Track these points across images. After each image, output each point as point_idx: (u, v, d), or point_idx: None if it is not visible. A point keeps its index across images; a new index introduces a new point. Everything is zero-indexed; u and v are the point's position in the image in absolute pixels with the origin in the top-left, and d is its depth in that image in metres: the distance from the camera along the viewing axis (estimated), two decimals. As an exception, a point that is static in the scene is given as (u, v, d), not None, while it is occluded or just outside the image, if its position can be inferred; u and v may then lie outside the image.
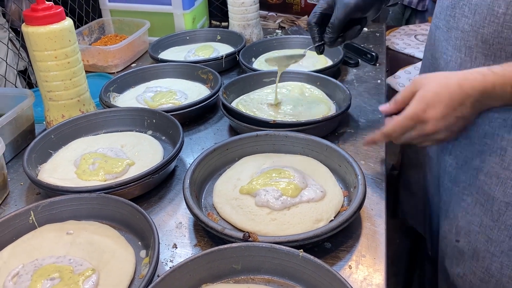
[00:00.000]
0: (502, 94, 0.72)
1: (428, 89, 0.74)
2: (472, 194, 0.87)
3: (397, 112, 0.79)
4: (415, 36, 1.87)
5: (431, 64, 0.96)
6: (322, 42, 1.01)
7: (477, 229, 0.88)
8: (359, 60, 1.46)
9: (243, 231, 0.73)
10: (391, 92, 1.64)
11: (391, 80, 1.61)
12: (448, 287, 0.99)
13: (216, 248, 0.68)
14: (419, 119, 0.75)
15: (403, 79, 1.60)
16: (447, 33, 0.86)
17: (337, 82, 1.18)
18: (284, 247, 0.67)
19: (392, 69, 1.79)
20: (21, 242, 0.77)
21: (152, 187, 0.92)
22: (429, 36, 0.98)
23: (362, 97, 1.25)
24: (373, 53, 1.45)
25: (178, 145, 0.93)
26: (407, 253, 1.52)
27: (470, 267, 0.91)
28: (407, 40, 1.85)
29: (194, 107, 1.12)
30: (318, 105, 1.12)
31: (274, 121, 1.01)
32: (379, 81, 1.34)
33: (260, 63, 1.44)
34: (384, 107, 0.83)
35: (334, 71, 1.36)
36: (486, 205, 0.85)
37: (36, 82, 1.12)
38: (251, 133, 0.97)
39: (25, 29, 1.00)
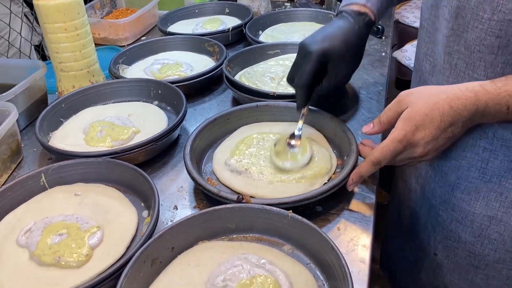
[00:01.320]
0: (495, 113, 0.66)
1: (416, 109, 0.68)
2: (447, 210, 0.84)
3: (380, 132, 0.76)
4: (425, 9, 1.86)
5: (415, 66, 0.90)
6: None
7: (455, 245, 0.85)
8: (365, 33, 1.47)
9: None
10: (396, 66, 1.65)
11: (398, 54, 1.61)
12: None
13: (212, 208, 0.73)
14: (409, 142, 0.69)
15: (410, 52, 1.61)
16: (432, 34, 0.80)
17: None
18: (274, 208, 0.71)
19: (401, 43, 1.79)
20: (32, 202, 0.82)
21: (156, 154, 0.97)
22: (419, 35, 0.89)
23: (365, 69, 1.27)
24: (379, 26, 1.44)
25: (181, 114, 0.97)
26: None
27: (452, 279, 0.89)
28: (418, 13, 1.84)
29: (198, 79, 1.15)
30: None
31: (274, 93, 1.04)
32: (383, 54, 1.35)
33: (267, 36, 1.46)
34: (368, 128, 0.77)
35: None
36: (465, 222, 0.82)
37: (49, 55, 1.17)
38: (252, 104, 1.01)
39: (36, 2, 1.04)
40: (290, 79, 0.88)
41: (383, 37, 1.45)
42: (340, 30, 0.85)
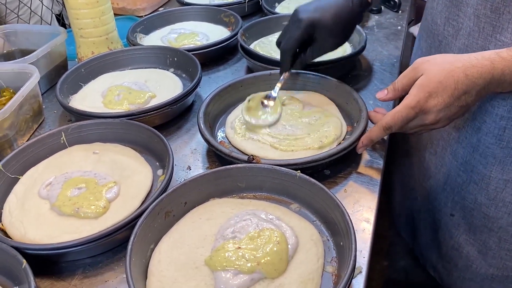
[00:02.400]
0: (511, 81, 0.66)
1: (430, 77, 0.69)
2: (467, 171, 0.86)
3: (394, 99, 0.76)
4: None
5: (431, 31, 0.88)
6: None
7: (471, 206, 0.87)
8: (382, 7, 1.46)
9: (250, 156, 0.80)
10: (413, 41, 1.64)
11: (414, 30, 1.60)
12: (441, 258, 1.00)
13: (223, 167, 0.76)
14: (421, 109, 0.70)
15: (427, 28, 1.59)
16: None
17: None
18: (283, 168, 0.74)
19: (418, 19, 1.77)
20: (53, 158, 0.86)
21: (171, 118, 1.00)
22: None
23: (380, 42, 1.27)
24: (396, 0, 1.44)
25: (196, 80, 1.00)
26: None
27: (467, 239, 0.91)
28: (437, -11, 1.81)
29: (214, 47, 1.17)
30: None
31: (288, 61, 1.05)
32: (399, 27, 1.35)
33: (283, 8, 1.47)
34: (382, 95, 0.78)
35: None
36: (481, 184, 0.83)
37: (69, 23, 1.20)
38: (265, 72, 1.02)
39: (57, -32, 1.07)
40: (278, 43, 0.93)
41: (400, 11, 1.45)
42: (333, 4, 0.87)
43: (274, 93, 0.93)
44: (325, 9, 0.86)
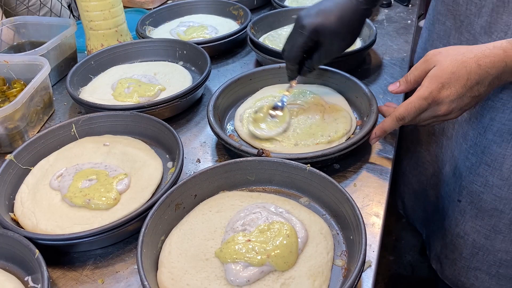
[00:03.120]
0: None
1: (443, 67, 0.69)
2: (477, 153, 0.85)
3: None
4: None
5: (451, 12, 0.86)
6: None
7: (480, 189, 0.86)
8: (392, 0, 1.45)
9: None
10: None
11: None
12: (445, 247, 0.99)
13: (233, 160, 0.76)
14: (434, 100, 0.70)
15: (437, 22, 1.58)
16: None
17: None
18: (293, 162, 0.74)
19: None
20: (64, 150, 0.87)
21: (181, 111, 1.00)
22: None
23: (390, 36, 1.26)
24: (406, -6, 1.43)
25: (205, 73, 1.00)
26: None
27: (473, 226, 0.91)
28: (447, -17, 1.80)
29: (223, 41, 1.17)
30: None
31: (297, 54, 1.05)
32: (409, 21, 1.34)
33: (292, 1, 1.46)
34: (394, 87, 0.77)
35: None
36: (494, 164, 0.83)
37: (79, 16, 1.20)
38: (274, 65, 1.02)
39: (68, -41, 1.07)
40: (282, 51, 0.88)
41: (410, 5, 1.44)
42: (336, 5, 0.83)
43: (280, 104, 0.90)
44: (328, 12, 0.81)
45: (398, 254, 1.87)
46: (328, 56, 0.86)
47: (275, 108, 0.90)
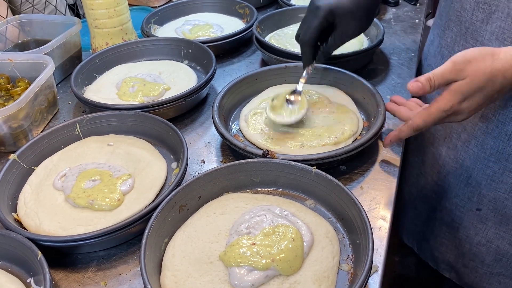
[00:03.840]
0: None
1: (473, 83, 0.66)
2: (500, 161, 0.84)
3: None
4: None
5: (459, 18, 0.83)
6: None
7: (504, 196, 0.85)
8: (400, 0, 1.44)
9: (265, 150, 0.79)
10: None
11: (431, 23, 1.57)
12: (462, 256, 0.98)
13: (238, 162, 0.75)
14: (454, 112, 0.69)
15: (445, 21, 1.56)
16: None
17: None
18: (299, 163, 0.73)
19: (435, 12, 1.73)
20: (68, 149, 0.86)
21: (185, 111, 0.99)
22: None
23: (397, 35, 1.25)
24: (414, -8, 1.41)
25: (210, 73, 0.99)
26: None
27: (497, 232, 0.89)
28: (456, -19, 1.77)
29: (228, 40, 1.16)
30: (351, 40, 1.12)
31: (304, 54, 1.03)
32: (417, 20, 1.32)
33: (298, 0, 1.44)
34: (415, 86, 0.70)
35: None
36: None
37: (84, 14, 1.19)
38: (280, 65, 1.01)
39: (73, -43, 1.06)
40: (297, 35, 0.86)
41: (418, 4, 1.42)
42: None
43: (299, 88, 0.88)
44: None
45: (402, 255, 1.85)
46: (343, 38, 0.84)
47: (292, 94, 0.88)
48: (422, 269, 1.79)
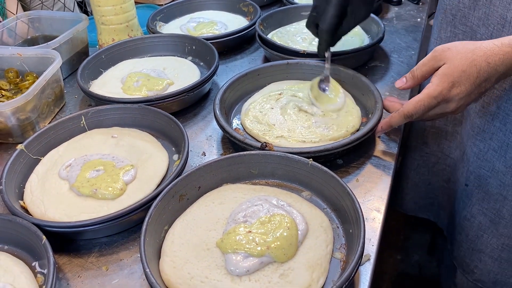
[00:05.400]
0: None
1: (454, 66, 0.69)
2: (485, 140, 0.86)
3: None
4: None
5: (443, 7, 0.87)
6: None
7: (488, 174, 0.88)
8: (403, -2, 1.45)
9: (264, 143, 0.81)
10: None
11: (435, 22, 1.58)
12: (453, 229, 1.02)
13: (237, 153, 0.77)
14: (444, 98, 0.71)
15: (448, 20, 1.57)
16: None
17: (373, 16, 1.18)
18: (296, 156, 0.75)
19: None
20: (73, 141, 0.89)
21: (188, 105, 1.02)
22: None
23: (398, 34, 1.26)
24: (417, -8, 1.42)
25: (213, 67, 1.01)
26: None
27: (480, 209, 0.93)
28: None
29: (232, 37, 1.19)
30: (352, 38, 1.14)
31: (304, 51, 1.05)
32: (419, 19, 1.34)
33: (302, -1, 1.46)
34: (401, 83, 0.78)
35: (376, 8, 1.36)
36: (500, 151, 0.85)
37: (91, 10, 1.22)
38: (282, 61, 1.03)
39: (80, -45, 1.09)
40: (312, 24, 0.88)
41: (420, 3, 1.43)
42: None
43: (327, 72, 0.93)
44: None
45: (405, 254, 1.86)
46: (356, 21, 0.87)
47: (322, 81, 0.93)
48: (425, 268, 1.81)
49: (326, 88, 0.92)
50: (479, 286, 1.01)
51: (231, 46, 1.23)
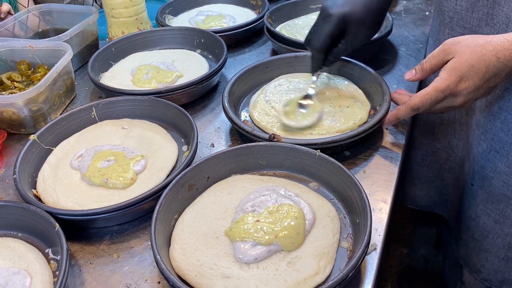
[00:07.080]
0: None
1: (462, 60, 0.69)
2: (487, 140, 0.86)
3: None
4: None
5: (441, 8, 0.87)
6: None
7: (491, 175, 0.88)
8: (411, -8, 1.45)
9: (272, 135, 0.82)
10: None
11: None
12: (459, 228, 1.02)
13: (245, 145, 0.78)
14: (451, 92, 0.71)
15: (457, 14, 1.57)
16: None
17: (381, 10, 1.18)
18: (303, 147, 0.76)
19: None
20: (84, 132, 0.91)
21: (197, 97, 1.03)
22: None
23: (407, 27, 1.26)
24: (426, -15, 1.42)
25: (221, 60, 1.02)
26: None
27: (484, 209, 0.92)
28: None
29: (240, 30, 1.19)
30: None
31: (313, 44, 1.06)
32: (427, 13, 1.34)
33: (311, -8, 1.46)
34: (410, 75, 0.78)
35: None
36: (502, 152, 0.84)
37: (101, 4, 1.24)
38: (290, 54, 1.04)
39: (91, -52, 1.10)
40: (307, 41, 0.87)
41: (429, -3, 1.43)
42: None
43: (311, 92, 0.90)
44: (355, 1, 0.81)
45: (412, 247, 1.87)
46: (354, 44, 0.86)
47: (304, 99, 0.90)
48: (431, 261, 1.81)
49: (305, 107, 0.89)
50: (486, 285, 1.00)
51: (240, 39, 1.24)
